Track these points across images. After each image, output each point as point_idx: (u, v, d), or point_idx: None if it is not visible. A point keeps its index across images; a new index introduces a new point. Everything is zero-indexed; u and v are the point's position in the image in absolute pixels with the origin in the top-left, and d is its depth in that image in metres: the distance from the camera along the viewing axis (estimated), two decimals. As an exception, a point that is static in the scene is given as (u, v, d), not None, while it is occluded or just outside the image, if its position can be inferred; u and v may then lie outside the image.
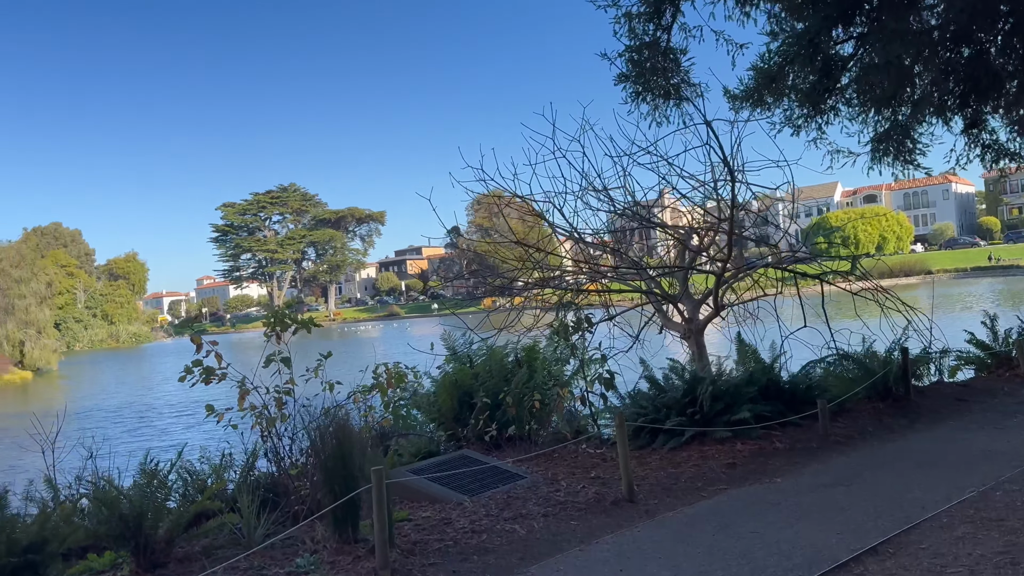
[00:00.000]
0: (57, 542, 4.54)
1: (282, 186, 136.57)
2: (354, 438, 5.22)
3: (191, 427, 20.09)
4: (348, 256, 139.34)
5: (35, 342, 54.12)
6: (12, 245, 56.68)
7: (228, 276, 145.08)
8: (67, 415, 23.53)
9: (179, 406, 24.99)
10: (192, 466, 6.33)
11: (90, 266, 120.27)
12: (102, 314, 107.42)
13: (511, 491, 6.16)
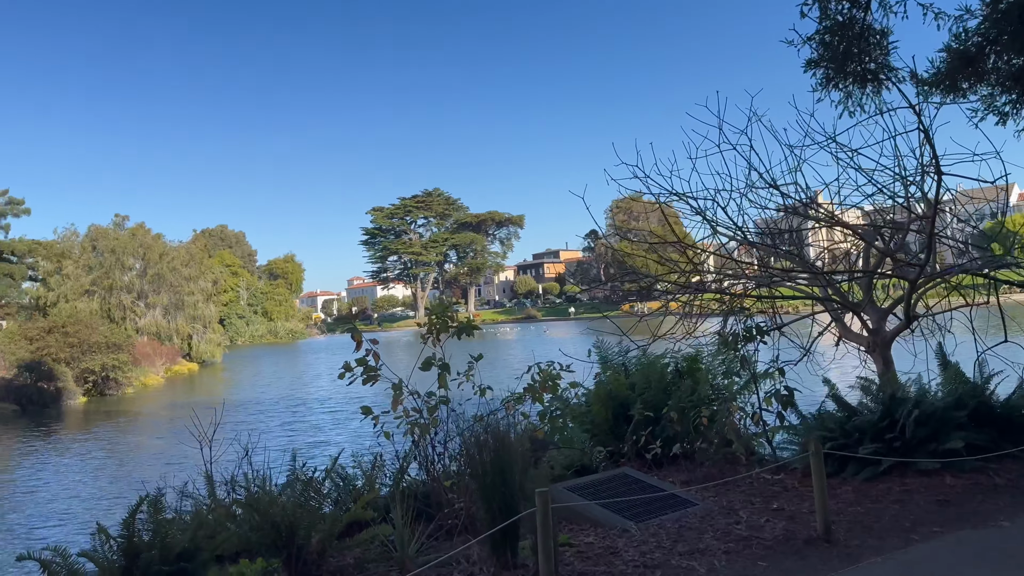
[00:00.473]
0: (210, 550, 4.35)
1: (427, 191, 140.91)
2: (513, 452, 4.75)
3: (339, 423, 20.60)
4: (488, 259, 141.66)
5: (202, 336, 58.23)
6: (183, 245, 61.29)
7: (376, 277, 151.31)
8: (226, 407, 24.79)
9: (329, 403, 25.83)
10: (344, 470, 6.12)
11: (252, 266, 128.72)
12: (262, 311, 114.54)
13: (682, 519, 5.50)
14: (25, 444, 20.96)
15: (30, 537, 9.77)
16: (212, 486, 6.13)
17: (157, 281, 54.95)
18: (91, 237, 55.25)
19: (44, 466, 16.87)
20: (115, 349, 35.03)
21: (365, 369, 5.66)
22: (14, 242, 57.30)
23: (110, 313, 50.68)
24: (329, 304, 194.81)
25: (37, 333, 33.46)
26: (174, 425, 21.87)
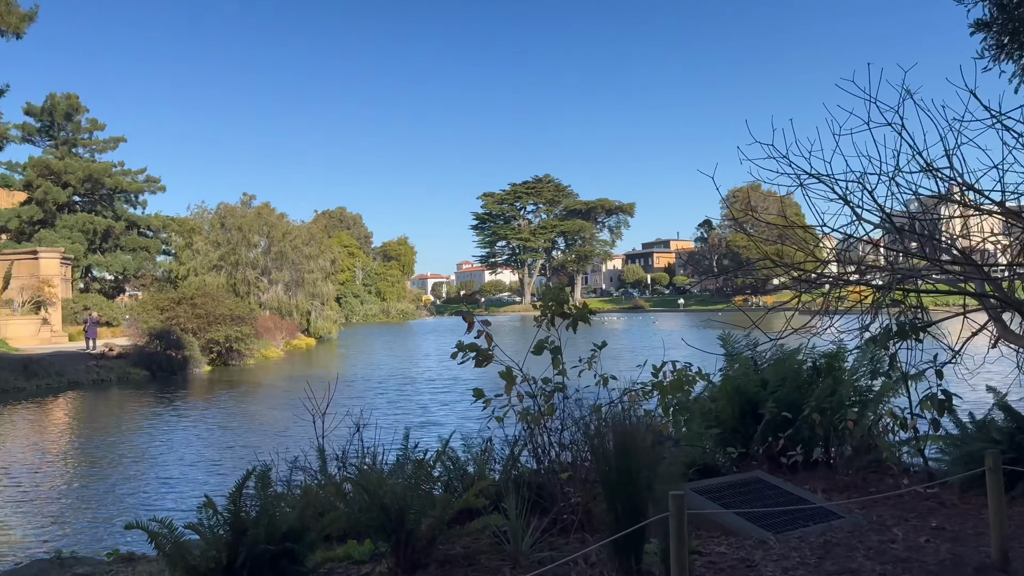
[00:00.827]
0: (317, 530, 4.14)
1: (537, 177, 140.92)
2: (641, 449, 4.31)
3: (446, 405, 20.65)
4: (596, 247, 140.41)
5: (319, 313, 60.40)
6: (304, 225, 63.66)
7: (484, 261, 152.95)
8: (339, 382, 25.28)
9: (436, 383, 26.04)
10: (454, 454, 5.86)
11: (368, 247, 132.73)
12: (376, 291, 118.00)
13: (828, 534, 4.90)
14: (151, 409, 22.12)
15: (141, 503, 10.10)
16: (324, 461, 6.01)
17: (280, 258, 57.34)
18: (220, 215, 58.19)
19: (165, 431, 17.66)
20: (239, 322, 36.68)
21: (477, 351, 5.34)
22: (150, 218, 61.06)
23: (235, 287, 53.29)
24: (438, 287, 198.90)
25: (167, 303, 35.45)
26: (290, 397, 22.60)
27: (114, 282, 60.33)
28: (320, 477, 6.07)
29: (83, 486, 11.64)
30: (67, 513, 9.74)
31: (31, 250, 44.52)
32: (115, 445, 15.69)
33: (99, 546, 7.71)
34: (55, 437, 17.45)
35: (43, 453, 14.66)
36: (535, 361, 5.73)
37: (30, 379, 27.55)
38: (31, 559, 6.03)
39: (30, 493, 11.08)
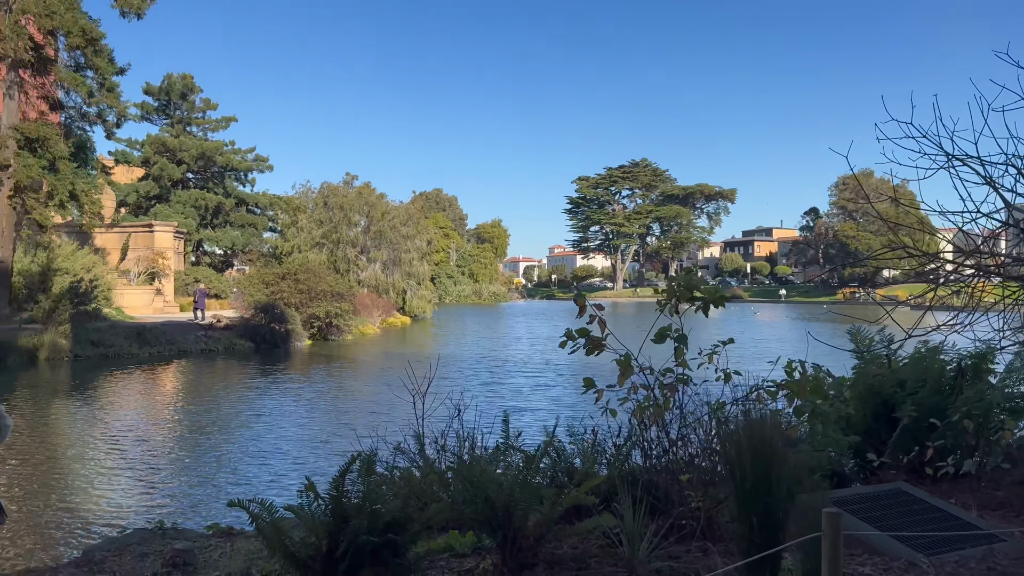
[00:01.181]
0: (420, 522, 3.86)
1: (634, 161, 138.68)
2: (780, 456, 3.83)
3: (538, 389, 20.36)
4: (693, 234, 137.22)
5: (415, 292, 61.38)
6: (403, 206, 64.72)
7: (576, 246, 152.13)
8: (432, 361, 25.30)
9: (529, 366, 25.81)
10: (560, 444, 5.50)
11: (462, 229, 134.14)
12: (468, 273, 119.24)
13: (991, 559, 4.28)
14: (253, 380, 22.78)
15: (240, 477, 10.21)
16: (422, 445, 5.77)
17: (378, 237, 58.48)
18: (323, 194, 59.79)
19: (266, 403, 18.08)
20: (339, 298, 37.56)
21: (590, 340, 4.93)
22: (258, 195, 63.35)
23: (336, 265, 54.71)
24: (530, 270, 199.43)
25: (272, 278, 36.64)
26: (385, 374, 22.92)
27: (223, 256, 63.04)
28: (419, 461, 5.85)
29: (185, 455, 11.95)
30: (168, 482, 9.97)
31: (147, 223, 46.90)
32: (218, 415, 16.15)
33: (199, 518, 7.81)
34: (162, 405, 18.15)
35: (149, 420, 15.23)
36: (647, 350, 5.31)
37: (143, 346, 28.99)
38: (133, 528, 6.09)
39: (135, 461, 11.45)
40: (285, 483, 9.48)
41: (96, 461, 11.26)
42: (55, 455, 11.91)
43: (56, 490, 9.54)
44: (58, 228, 37.86)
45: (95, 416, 15.64)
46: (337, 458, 10.09)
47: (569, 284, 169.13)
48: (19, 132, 29.92)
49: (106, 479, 9.96)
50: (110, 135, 36.36)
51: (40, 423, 15.05)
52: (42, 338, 26.60)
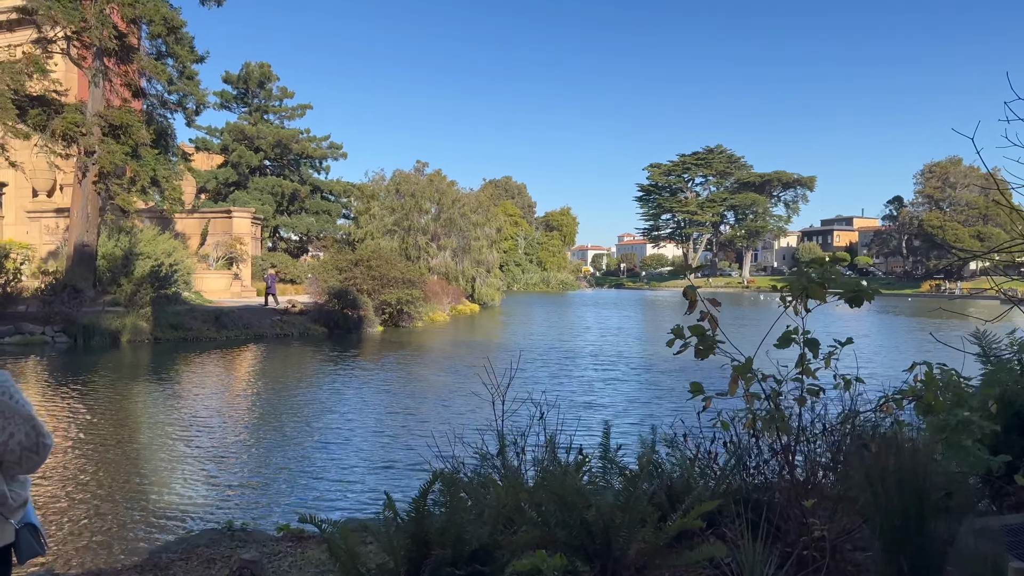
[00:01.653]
0: (509, 549, 3.40)
1: (708, 147, 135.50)
2: (936, 489, 3.22)
3: (610, 382, 19.76)
4: (769, 222, 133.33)
5: (484, 280, 61.31)
6: (472, 193, 64.63)
7: (647, 234, 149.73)
8: (500, 351, 24.81)
9: (600, 359, 25.19)
10: (657, 457, 4.97)
11: (531, 217, 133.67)
12: (536, 260, 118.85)
13: None
14: (327, 366, 22.84)
15: (309, 467, 9.97)
16: (504, 448, 5.33)
17: (448, 225, 58.55)
18: (395, 181, 60.17)
19: (338, 390, 18.00)
20: (410, 285, 37.64)
21: (703, 338, 4.36)
22: (332, 183, 64.27)
23: (407, 252, 55.04)
24: (598, 258, 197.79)
25: (345, 264, 36.94)
26: (457, 365, 22.70)
27: (298, 242, 64.26)
28: (500, 467, 5.40)
29: (257, 445, 11.83)
30: (239, 472, 9.80)
31: (225, 209, 48.00)
32: (291, 402, 16.13)
33: (271, 515, 7.59)
34: (236, 390, 18.28)
35: (223, 407, 15.28)
36: (744, 346, 4.71)
37: (220, 330, 29.57)
38: (200, 529, 5.85)
39: (207, 449, 11.37)
40: (357, 479, 9.21)
41: (168, 448, 11.25)
42: (129, 440, 11.98)
43: (126, 479, 9.50)
44: (140, 213, 39.05)
45: (170, 401, 15.82)
46: (411, 454, 9.78)
47: (638, 273, 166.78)
48: (104, 119, 30.80)
49: (177, 469, 9.88)
50: (190, 122, 37.17)
51: (117, 407, 15.29)
52: (124, 320, 27.38)
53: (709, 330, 4.44)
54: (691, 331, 4.35)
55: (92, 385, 17.75)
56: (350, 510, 7.62)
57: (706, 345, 4.38)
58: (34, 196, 43.78)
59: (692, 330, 4.36)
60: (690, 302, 4.51)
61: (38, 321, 26.80)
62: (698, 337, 4.35)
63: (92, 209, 32.07)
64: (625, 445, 10.93)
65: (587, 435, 9.81)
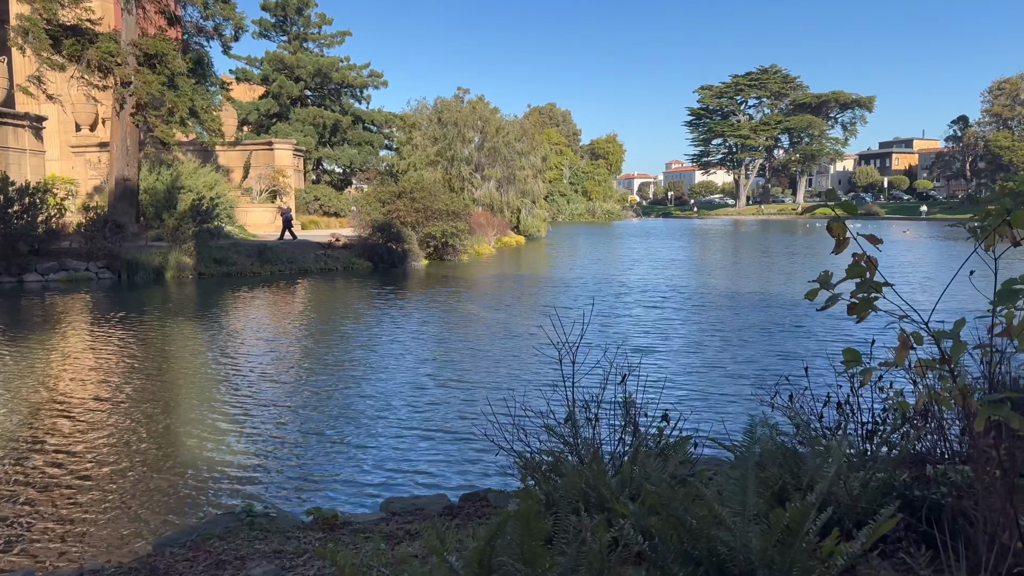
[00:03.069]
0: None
1: (762, 67, 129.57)
2: None
3: (659, 319, 18.57)
4: (825, 145, 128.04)
5: (529, 211, 59.89)
6: (517, 120, 62.50)
7: (696, 161, 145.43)
8: (550, 281, 23.66)
9: (649, 291, 23.96)
10: (780, 440, 3.86)
11: (576, 145, 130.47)
12: (582, 190, 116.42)
13: None
14: (373, 304, 22.10)
15: (352, 427, 9.05)
16: (577, 436, 4.27)
17: (492, 155, 56.94)
18: (437, 109, 58.48)
19: (386, 330, 17.20)
20: (454, 217, 36.57)
21: (863, 287, 3.15)
22: (373, 113, 62.83)
23: (450, 183, 53.78)
24: (645, 187, 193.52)
25: (388, 196, 35.95)
26: (504, 300, 21.73)
27: (342, 175, 63.42)
28: (571, 451, 4.35)
29: (297, 396, 11.03)
30: (275, 434, 8.94)
31: (267, 141, 47.18)
32: (336, 347, 15.36)
33: (305, 488, 6.69)
34: (279, 333, 17.60)
35: (262, 357, 14.54)
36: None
37: (264, 264, 29.04)
38: (216, 515, 4.97)
39: (245, 402, 10.61)
40: (406, 447, 8.27)
41: (203, 402, 10.51)
42: (161, 393, 11.30)
43: (153, 441, 8.75)
44: (182, 146, 38.39)
45: (210, 346, 15.17)
46: (464, 422, 8.79)
47: (686, 201, 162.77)
48: (138, 48, 29.83)
49: (208, 430, 9.10)
50: (227, 50, 35.99)
51: (153, 351, 14.71)
52: (168, 256, 26.96)
53: (872, 279, 3.26)
54: (848, 273, 3.14)
55: (130, 324, 17.25)
56: (394, 488, 6.70)
57: (863, 303, 3.19)
58: (77, 131, 43.44)
59: (850, 272, 3.14)
60: (838, 241, 3.31)
61: (81, 257, 26.54)
62: (860, 285, 3.13)
63: (132, 142, 31.44)
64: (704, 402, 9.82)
65: (655, 388, 8.73)
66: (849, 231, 3.36)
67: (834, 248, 3.38)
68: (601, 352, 6.70)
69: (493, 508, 4.57)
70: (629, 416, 4.89)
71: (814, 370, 5.40)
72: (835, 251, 3.39)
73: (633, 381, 5.09)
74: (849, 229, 3.37)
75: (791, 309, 18.96)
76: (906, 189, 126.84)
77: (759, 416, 3.54)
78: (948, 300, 17.68)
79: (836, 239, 3.34)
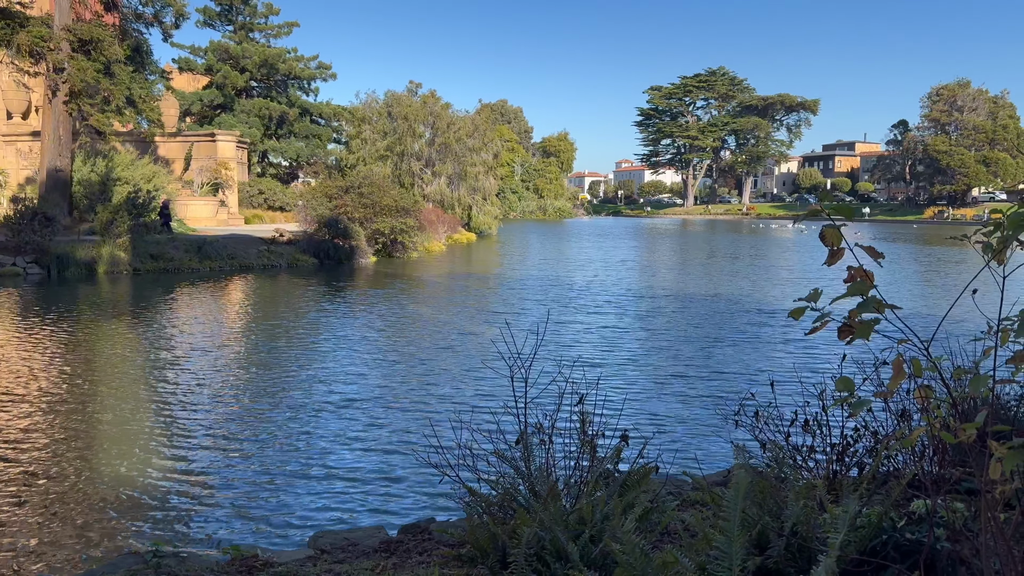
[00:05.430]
0: None
1: (711, 69, 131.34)
2: None
3: (612, 325, 18.36)
4: (771, 147, 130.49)
5: (480, 208, 59.36)
6: (468, 116, 61.87)
7: (646, 161, 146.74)
8: (500, 281, 23.23)
9: (600, 294, 23.75)
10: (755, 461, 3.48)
11: (528, 143, 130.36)
12: (534, 188, 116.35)
13: None
14: (316, 302, 21.40)
15: (289, 441, 8.45)
16: (529, 462, 3.84)
17: (443, 150, 56.24)
18: (387, 103, 57.51)
19: (330, 330, 16.57)
20: (403, 213, 35.87)
21: (862, 306, 2.78)
22: (321, 105, 61.52)
23: (400, 178, 52.92)
24: (595, 185, 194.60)
25: (335, 191, 35.04)
26: (452, 300, 21.20)
27: (288, 168, 61.93)
28: (523, 479, 3.92)
29: (231, 404, 10.38)
30: (204, 446, 8.31)
31: (209, 132, 45.69)
32: (275, 347, 14.67)
33: (221, 525, 6.06)
34: (213, 335, 16.81)
35: (194, 362, 13.79)
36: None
37: (203, 260, 27.97)
38: (119, 555, 4.39)
39: (175, 410, 9.92)
40: (343, 465, 7.70)
41: (126, 411, 9.80)
42: (88, 398, 10.53)
43: (68, 457, 8.04)
44: (119, 136, 36.84)
45: (139, 345, 14.35)
46: (410, 435, 8.22)
47: (635, 200, 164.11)
48: (72, 33, 28.42)
49: (131, 441, 8.41)
50: (167, 38, 34.71)
51: (81, 352, 13.84)
52: (100, 250, 25.73)
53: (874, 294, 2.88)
54: (850, 291, 2.73)
55: (58, 323, 16.26)
56: (325, 516, 6.13)
57: (859, 327, 2.82)
58: (8, 119, 41.37)
59: (852, 290, 2.73)
60: (831, 251, 2.94)
61: (8, 252, 25.13)
62: (862, 305, 2.74)
63: (64, 131, 29.96)
64: (653, 414, 9.44)
65: (612, 403, 8.35)
66: (845, 241, 3.00)
67: (827, 259, 2.99)
68: (553, 364, 6.30)
69: (435, 543, 4.11)
70: (585, 437, 4.49)
71: (778, 385, 5.09)
72: (828, 262, 2.99)
73: (588, 396, 4.69)
74: (845, 239, 3.01)
75: (749, 315, 18.85)
76: (848, 191, 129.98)
77: (739, 457, 3.15)
78: (933, 309, 17.48)
79: (830, 248, 2.96)
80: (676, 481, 5.21)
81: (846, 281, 2.91)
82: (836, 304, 2.90)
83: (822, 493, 2.98)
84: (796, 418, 4.87)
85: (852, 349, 3.66)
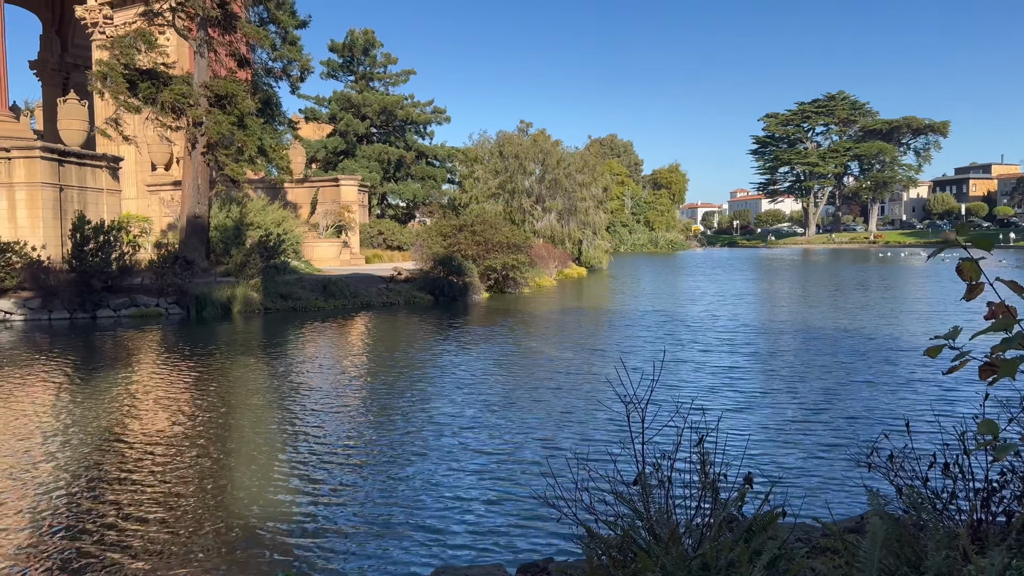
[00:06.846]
0: None
1: (829, 94, 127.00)
2: None
3: (731, 364, 17.80)
4: (897, 172, 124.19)
5: (591, 242, 59.42)
6: (578, 152, 62.40)
7: (762, 189, 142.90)
8: (612, 317, 22.92)
9: (717, 331, 23.15)
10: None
11: (637, 175, 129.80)
12: (644, 220, 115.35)
13: None
14: (435, 340, 21.89)
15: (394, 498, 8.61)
16: (648, 504, 3.79)
17: (553, 186, 56.87)
18: (498, 143, 58.88)
19: (448, 370, 16.91)
20: (515, 250, 36.38)
21: (1005, 342, 2.63)
22: (436, 148, 63.69)
23: (511, 215, 53.83)
24: (709, 216, 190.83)
25: (450, 230, 36.02)
26: (565, 337, 21.20)
27: (406, 208, 64.28)
28: (641, 521, 3.87)
29: (353, 444, 10.75)
30: (322, 491, 8.60)
31: (333, 178, 48.12)
32: (396, 389, 15.10)
33: (347, 559, 6.28)
34: (338, 371, 17.48)
35: (320, 399, 14.38)
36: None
37: (328, 299, 29.28)
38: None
39: (299, 450, 10.35)
40: (462, 501, 7.80)
41: (262, 443, 10.34)
42: (227, 430, 11.20)
43: (206, 487, 8.54)
44: (252, 184, 39.41)
45: (273, 380, 15.14)
46: (528, 463, 8.26)
47: (752, 230, 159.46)
48: (209, 89, 30.79)
49: (265, 472, 8.85)
50: (294, 89, 36.94)
51: (219, 387, 14.74)
52: (235, 291, 27.42)
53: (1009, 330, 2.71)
54: (993, 327, 2.57)
55: (197, 360, 17.42)
56: (441, 560, 6.21)
57: (1013, 359, 2.65)
58: (153, 170, 45.10)
59: (996, 326, 2.57)
60: (970, 286, 2.79)
61: (152, 293, 27.22)
62: (1007, 339, 2.57)
63: (203, 180, 32.37)
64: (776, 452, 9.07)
65: (733, 443, 8.11)
66: (984, 275, 2.85)
67: (965, 294, 2.86)
68: (670, 403, 6.19)
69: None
70: (707, 477, 4.39)
71: (913, 427, 4.81)
72: (967, 297, 2.87)
73: (708, 437, 4.59)
74: (984, 273, 2.86)
75: (880, 352, 17.84)
76: (985, 216, 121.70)
77: (873, 502, 3.01)
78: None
79: (968, 284, 2.82)
80: (804, 527, 4.99)
81: (987, 317, 2.78)
82: (976, 340, 2.76)
83: (966, 543, 2.81)
84: (935, 461, 4.59)
85: (995, 388, 3.44)
